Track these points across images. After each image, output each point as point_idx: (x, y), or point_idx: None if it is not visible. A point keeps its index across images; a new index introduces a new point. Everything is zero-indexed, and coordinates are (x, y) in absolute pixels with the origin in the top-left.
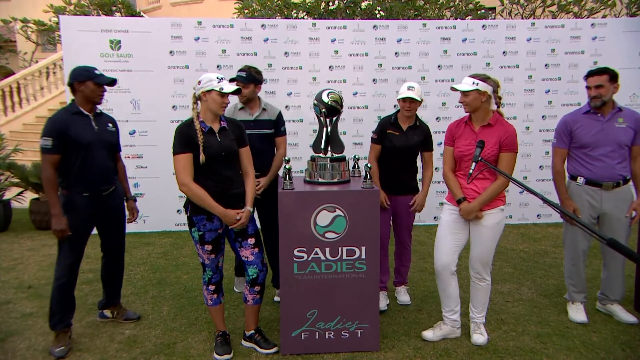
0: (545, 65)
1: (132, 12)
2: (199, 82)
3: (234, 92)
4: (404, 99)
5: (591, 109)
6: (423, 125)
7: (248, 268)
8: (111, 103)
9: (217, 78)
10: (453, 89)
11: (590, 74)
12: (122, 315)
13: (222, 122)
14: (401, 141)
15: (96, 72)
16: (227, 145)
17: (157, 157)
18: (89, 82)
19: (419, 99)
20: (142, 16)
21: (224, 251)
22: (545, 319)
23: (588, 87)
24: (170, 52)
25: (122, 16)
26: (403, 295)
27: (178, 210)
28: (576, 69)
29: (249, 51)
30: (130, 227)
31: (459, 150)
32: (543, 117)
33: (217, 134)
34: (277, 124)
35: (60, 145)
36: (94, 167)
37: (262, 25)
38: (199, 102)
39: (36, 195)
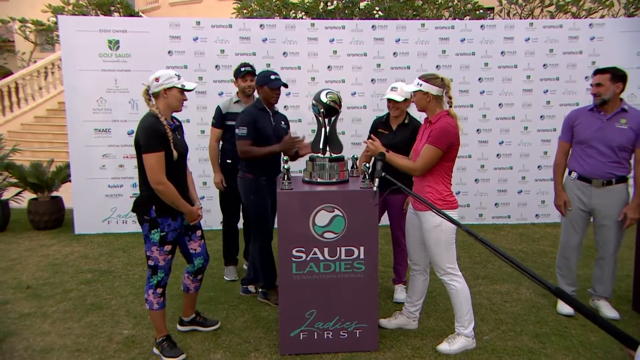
0: (544, 65)
1: (130, 12)
2: (157, 79)
3: (193, 89)
4: (388, 100)
5: (595, 107)
6: (414, 122)
7: (195, 259)
8: (109, 103)
9: (176, 75)
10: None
11: (594, 72)
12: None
13: (174, 121)
14: (388, 139)
15: (272, 77)
16: (185, 143)
17: None
18: (265, 87)
19: (402, 99)
20: (140, 16)
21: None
22: (543, 318)
23: (591, 85)
24: (169, 52)
25: (120, 16)
26: (399, 294)
27: None
28: (574, 69)
29: (248, 51)
30: (128, 227)
31: (414, 147)
32: (541, 117)
33: (176, 132)
34: None
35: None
36: (271, 157)
37: (261, 25)
38: (153, 99)
39: (34, 196)
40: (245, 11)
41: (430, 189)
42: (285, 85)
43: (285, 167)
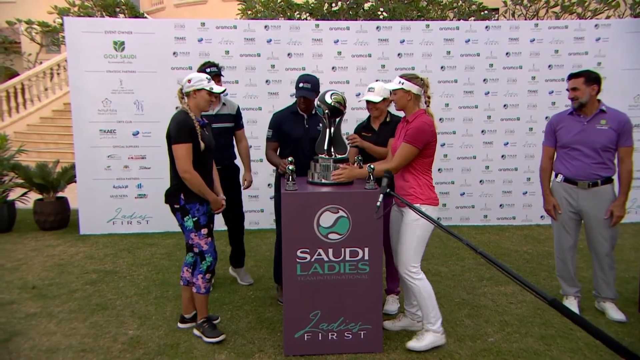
0: (549, 66)
1: (135, 14)
2: (189, 80)
3: (221, 93)
4: (366, 102)
5: (574, 110)
6: (395, 120)
7: (205, 256)
8: (114, 104)
9: (207, 78)
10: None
11: (568, 77)
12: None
13: (203, 118)
14: (372, 140)
15: (300, 85)
16: (212, 139)
17: (161, 158)
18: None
19: (380, 99)
20: (145, 17)
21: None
22: (549, 320)
23: (567, 90)
24: (174, 53)
25: (125, 17)
26: (390, 305)
27: None
28: (580, 70)
29: (252, 52)
30: (133, 228)
31: (392, 144)
32: (546, 118)
33: (204, 128)
34: (237, 118)
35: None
36: (301, 157)
37: (265, 26)
38: (185, 98)
39: (40, 196)
40: (249, 12)
41: (412, 185)
42: (310, 93)
43: (290, 167)
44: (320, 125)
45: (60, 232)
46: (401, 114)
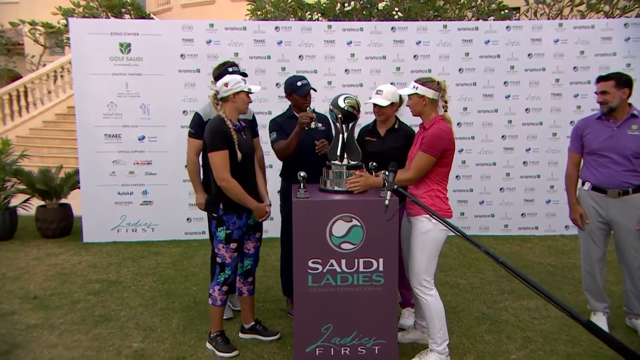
0: (574, 68)
1: (141, 14)
2: (226, 84)
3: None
4: (373, 105)
5: (603, 115)
6: (405, 128)
7: (245, 259)
8: (120, 108)
9: (242, 79)
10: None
11: (597, 80)
12: None
13: (241, 122)
14: (376, 147)
15: (299, 84)
16: (251, 143)
17: (167, 164)
18: (294, 95)
19: (387, 104)
20: (152, 18)
21: (244, 250)
22: (575, 337)
23: (596, 93)
24: (181, 55)
25: (131, 18)
26: (406, 319)
27: (188, 219)
28: (607, 71)
29: (262, 54)
30: (138, 236)
31: (409, 152)
32: (571, 122)
33: (242, 133)
34: (253, 125)
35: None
36: (307, 163)
37: (276, 28)
38: (222, 103)
39: (42, 203)
40: (259, 13)
41: (421, 194)
42: (314, 90)
43: (302, 174)
44: (320, 124)
45: (63, 240)
46: (412, 122)
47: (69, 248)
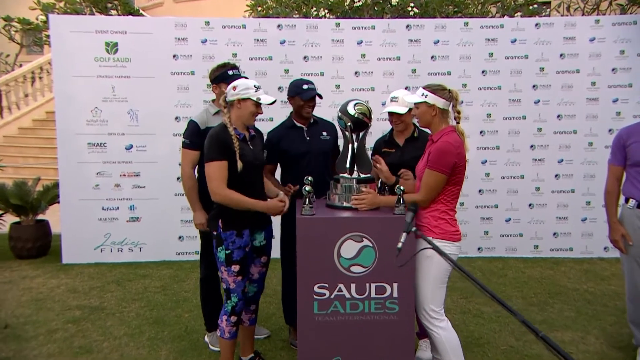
0: (613, 69)
1: (130, 10)
2: (234, 87)
3: (271, 104)
4: (389, 114)
5: None
6: (425, 135)
7: (248, 285)
8: (105, 114)
9: (255, 87)
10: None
11: None
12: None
13: (250, 130)
14: (395, 158)
15: (304, 87)
16: (259, 154)
17: (157, 176)
18: (297, 98)
19: (405, 111)
20: (141, 15)
21: (249, 274)
22: None
23: None
24: (174, 56)
25: (119, 15)
26: (423, 351)
27: (180, 237)
28: None
29: (264, 55)
30: (124, 257)
31: (417, 167)
32: (610, 131)
33: (248, 142)
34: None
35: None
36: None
37: (278, 26)
38: (228, 108)
39: (17, 219)
40: (260, 9)
41: (425, 214)
42: (320, 96)
43: (307, 189)
44: (325, 132)
45: (39, 261)
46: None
47: (46, 270)
